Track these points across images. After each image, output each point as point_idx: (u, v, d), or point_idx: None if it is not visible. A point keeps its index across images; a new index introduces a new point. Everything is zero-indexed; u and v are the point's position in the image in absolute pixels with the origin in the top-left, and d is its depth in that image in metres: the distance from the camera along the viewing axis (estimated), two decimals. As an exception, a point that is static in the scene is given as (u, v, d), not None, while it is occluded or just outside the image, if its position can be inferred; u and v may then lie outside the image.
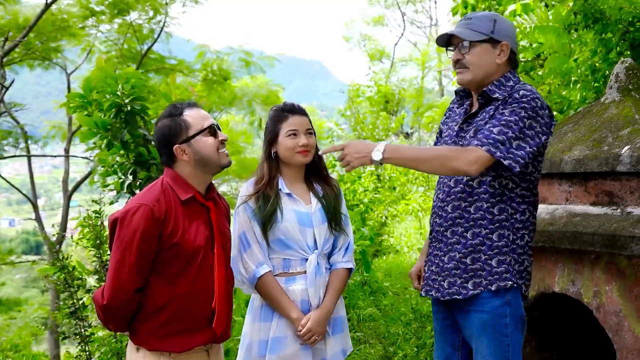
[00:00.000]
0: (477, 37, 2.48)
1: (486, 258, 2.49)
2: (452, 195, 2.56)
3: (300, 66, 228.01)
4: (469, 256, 2.51)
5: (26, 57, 14.59)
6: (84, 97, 4.08)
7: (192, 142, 2.39)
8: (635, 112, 3.20)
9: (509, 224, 2.50)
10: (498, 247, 2.49)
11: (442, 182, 2.64)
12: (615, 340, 2.88)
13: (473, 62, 2.51)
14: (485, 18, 2.52)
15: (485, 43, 2.50)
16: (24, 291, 25.60)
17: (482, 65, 2.52)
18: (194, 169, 2.43)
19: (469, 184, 2.51)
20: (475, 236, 2.50)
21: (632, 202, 2.95)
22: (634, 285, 2.81)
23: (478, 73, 2.53)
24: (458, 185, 2.54)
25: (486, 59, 2.52)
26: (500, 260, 2.48)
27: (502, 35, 2.52)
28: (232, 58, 16.52)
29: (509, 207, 2.50)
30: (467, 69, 2.52)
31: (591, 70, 5.08)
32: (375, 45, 27.71)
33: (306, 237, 2.77)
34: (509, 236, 2.50)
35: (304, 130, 2.79)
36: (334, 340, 2.83)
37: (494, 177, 2.47)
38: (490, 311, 2.47)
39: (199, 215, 2.44)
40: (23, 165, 28.90)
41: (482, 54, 2.51)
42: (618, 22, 4.68)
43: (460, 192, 2.53)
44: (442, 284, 2.58)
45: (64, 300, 4.84)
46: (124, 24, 14.90)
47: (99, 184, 4.37)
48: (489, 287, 2.47)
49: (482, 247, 2.50)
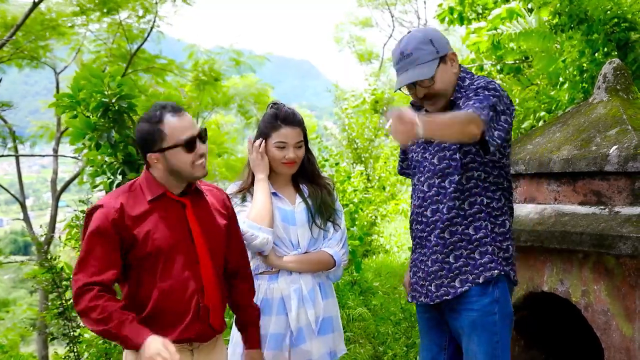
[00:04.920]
0: (432, 68, 2.49)
1: (468, 253, 2.52)
2: (427, 200, 2.59)
3: (289, 66, 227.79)
4: (451, 254, 2.54)
5: (14, 56, 14.47)
6: (72, 97, 4.06)
7: (166, 153, 2.34)
8: (623, 112, 3.22)
9: (484, 215, 2.53)
10: (477, 240, 2.52)
11: (417, 189, 2.68)
12: (603, 339, 2.90)
13: (441, 88, 2.53)
14: (422, 44, 2.50)
15: (439, 65, 2.51)
16: (12, 292, 25.44)
17: (447, 83, 2.54)
18: (167, 176, 2.40)
19: (441, 185, 2.55)
20: (453, 234, 2.53)
21: (620, 201, 2.96)
22: (622, 284, 2.82)
23: (447, 93, 2.55)
24: (432, 189, 2.58)
25: (447, 78, 2.54)
26: (482, 251, 2.51)
27: (443, 47, 2.53)
28: (223, 58, 16.49)
29: (483, 197, 2.53)
30: (438, 96, 2.54)
31: (579, 71, 5.12)
32: (364, 46, 27.76)
33: (289, 235, 2.78)
34: (487, 226, 2.53)
35: (294, 143, 2.77)
36: (321, 341, 2.82)
37: (461, 174, 2.51)
38: (480, 309, 2.48)
39: (173, 212, 2.41)
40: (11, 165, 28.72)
41: (442, 75, 2.52)
42: (603, 22, 4.72)
43: (435, 194, 2.57)
44: (430, 288, 2.59)
45: (52, 301, 4.81)
46: (113, 23, 14.81)
47: (88, 184, 4.34)
48: (477, 280, 2.49)
49: (462, 242, 2.53)
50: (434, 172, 2.57)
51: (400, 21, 28.46)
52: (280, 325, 2.75)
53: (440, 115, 2.38)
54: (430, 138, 2.40)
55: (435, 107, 2.55)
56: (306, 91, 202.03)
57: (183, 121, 2.35)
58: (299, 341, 2.75)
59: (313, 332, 2.78)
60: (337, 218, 2.89)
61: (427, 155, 2.62)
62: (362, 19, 28.55)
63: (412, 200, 2.72)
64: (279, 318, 2.75)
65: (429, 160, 2.60)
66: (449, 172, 2.53)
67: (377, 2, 27.56)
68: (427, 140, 2.57)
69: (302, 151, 2.81)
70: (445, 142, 2.54)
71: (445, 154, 2.55)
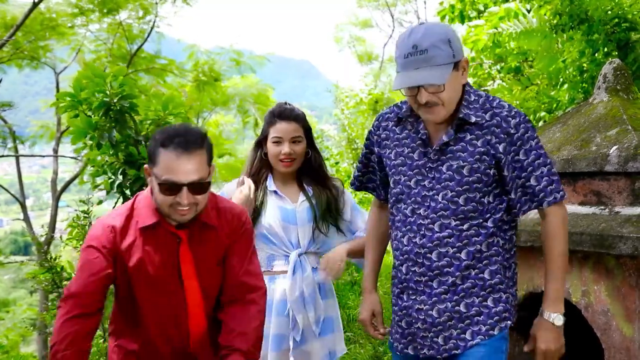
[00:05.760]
0: (446, 73, 2.12)
1: (481, 300, 2.24)
2: (436, 241, 2.23)
3: (289, 66, 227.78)
4: (462, 302, 2.24)
5: (14, 56, 14.47)
6: (73, 96, 4.06)
7: (152, 177, 2.14)
8: (623, 112, 3.22)
9: (500, 258, 2.26)
10: (491, 286, 2.25)
11: (416, 224, 2.27)
12: (603, 340, 2.90)
13: (447, 98, 2.16)
14: (441, 43, 2.12)
15: (452, 71, 2.15)
16: (12, 292, 25.44)
17: (454, 95, 2.20)
18: None
19: (459, 227, 2.22)
20: (465, 280, 2.23)
21: (620, 201, 2.97)
22: (622, 284, 2.83)
23: (452, 105, 2.20)
24: (444, 230, 2.22)
25: (456, 87, 2.20)
26: (496, 298, 2.26)
27: (459, 52, 2.18)
28: (223, 58, 16.49)
29: (499, 238, 2.27)
30: (441, 106, 2.17)
31: (579, 71, 5.12)
32: (364, 47, 27.75)
33: (289, 235, 2.78)
34: (501, 270, 2.26)
35: (289, 138, 2.76)
36: (322, 342, 2.82)
37: (486, 219, 2.23)
38: (489, 343, 2.26)
39: (164, 245, 2.20)
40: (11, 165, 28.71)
41: (452, 84, 2.16)
42: (603, 22, 4.72)
43: (448, 236, 2.22)
44: (436, 340, 2.28)
45: (52, 301, 4.82)
46: (113, 24, 14.82)
47: (88, 184, 4.35)
48: (491, 332, 2.24)
49: (475, 289, 2.24)
50: (454, 212, 2.21)
51: (400, 21, 28.47)
52: (282, 326, 2.75)
53: (552, 273, 2.23)
54: None
55: (435, 117, 2.20)
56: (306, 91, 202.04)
57: (180, 162, 2.07)
58: (301, 342, 2.76)
59: (314, 333, 2.78)
60: (357, 215, 2.93)
61: (437, 186, 2.24)
62: (362, 19, 28.55)
63: (406, 235, 2.30)
64: (280, 319, 2.75)
65: (441, 196, 2.23)
66: (473, 217, 2.22)
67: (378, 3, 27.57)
68: (428, 166, 2.26)
69: (300, 147, 2.79)
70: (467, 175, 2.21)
71: (476, 196, 2.21)
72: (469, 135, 2.22)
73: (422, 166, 2.27)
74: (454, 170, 2.21)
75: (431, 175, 2.24)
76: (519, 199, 2.24)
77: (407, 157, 2.31)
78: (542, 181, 2.21)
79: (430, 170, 2.25)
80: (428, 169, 2.25)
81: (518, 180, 2.22)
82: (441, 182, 2.22)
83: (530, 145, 2.22)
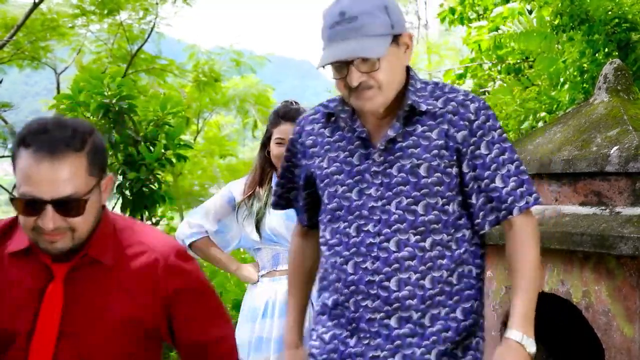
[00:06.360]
0: (383, 46, 1.68)
1: (452, 348, 1.80)
2: (395, 264, 1.74)
3: (289, 66, 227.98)
4: (433, 350, 1.77)
5: (15, 56, 14.49)
6: (72, 98, 4.07)
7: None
8: (623, 112, 3.22)
9: (474, 292, 1.84)
10: (466, 329, 1.82)
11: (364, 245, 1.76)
12: (604, 340, 2.89)
13: (385, 79, 1.71)
14: (375, 9, 1.69)
15: (390, 45, 1.71)
16: (13, 292, 25.41)
17: (394, 77, 1.75)
18: None
19: (420, 245, 1.74)
20: (434, 321, 1.76)
21: (621, 202, 2.96)
22: (623, 285, 2.82)
23: (391, 89, 1.75)
24: (403, 249, 1.74)
25: (396, 67, 1.75)
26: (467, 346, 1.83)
27: (400, 23, 1.74)
28: (223, 58, 16.49)
29: (472, 266, 1.83)
30: (377, 89, 1.71)
31: (580, 72, 5.12)
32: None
33: None
34: (477, 309, 1.84)
35: None
36: None
37: (451, 233, 1.78)
38: None
39: (33, 278, 1.57)
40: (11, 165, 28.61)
41: (391, 63, 1.72)
42: (604, 23, 4.72)
43: (409, 257, 1.74)
44: None
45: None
46: (114, 24, 14.82)
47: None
48: None
49: (447, 332, 1.79)
50: (412, 224, 1.74)
51: (401, 22, 28.48)
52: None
53: (524, 291, 1.75)
54: None
55: (371, 105, 1.73)
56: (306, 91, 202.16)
57: (41, 169, 1.46)
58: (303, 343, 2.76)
59: None
60: None
61: (387, 194, 1.76)
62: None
63: (347, 261, 1.78)
64: (282, 321, 2.74)
65: (394, 205, 1.75)
66: (436, 230, 1.75)
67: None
68: (385, 162, 1.78)
69: None
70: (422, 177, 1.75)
71: (437, 203, 1.75)
72: (421, 127, 1.77)
73: (365, 171, 1.79)
74: (408, 171, 1.75)
75: (378, 182, 1.77)
76: (481, 206, 1.79)
77: (344, 162, 1.82)
78: (509, 182, 1.77)
79: (376, 175, 1.78)
80: (373, 174, 1.78)
81: (480, 182, 1.77)
82: (392, 188, 1.75)
83: (493, 136, 1.78)
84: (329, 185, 1.84)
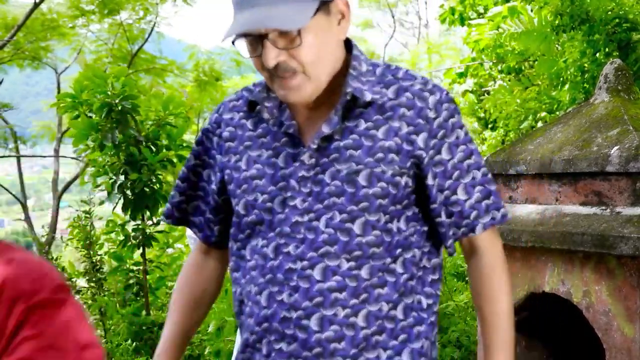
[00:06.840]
0: (305, 14, 1.26)
1: None
2: (318, 297, 1.33)
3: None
4: None
5: (15, 56, 14.51)
6: (74, 97, 4.07)
7: None
8: (624, 112, 3.22)
9: (424, 328, 1.44)
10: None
11: (282, 271, 1.35)
12: (604, 340, 2.90)
13: (311, 57, 1.30)
14: None
15: (317, 14, 1.28)
16: (13, 292, 25.43)
17: (324, 54, 1.33)
18: None
19: (354, 274, 1.34)
20: (417, 358, 1.40)
21: (621, 202, 2.97)
22: (623, 285, 2.83)
23: (321, 73, 1.34)
24: (330, 279, 1.34)
25: (326, 42, 1.33)
26: None
27: None
28: (223, 58, 16.52)
29: (421, 295, 1.44)
30: (302, 74, 1.31)
31: (580, 72, 5.13)
32: (365, 47, 27.80)
33: None
34: (427, 350, 1.44)
35: None
36: None
37: (394, 257, 1.39)
38: None
39: None
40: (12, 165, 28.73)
41: (319, 36, 1.30)
42: (604, 23, 4.73)
43: (337, 289, 1.34)
44: None
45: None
46: (114, 24, 14.84)
47: (90, 185, 4.35)
48: None
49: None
50: (345, 247, 1.34)
51: (402, 22, 28.49)
52: None
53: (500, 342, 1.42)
54: None
55: (294, 94, 1.33)
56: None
57: None
58: None
59: None
60: None
61: (317, 206, 1.36)
62: (363, 19, 28.58)
63: (262, 291, 1.38)
64: None
65: (324, 222, 1.35)
66: (376, 254, 1.36)
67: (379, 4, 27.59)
68: (317, 166, 1.37)
69: None
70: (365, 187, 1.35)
71: (379, 220, 1.36)
72: (364, 123, 1.38)
73: (291, 176, 1.38)
74: (344, 178, 1.36)
75: (306, 190, 1.37)
76: (442, 222, 1.43)
77: (267, 164, 1.41)
78: (473, 192, 1.42)
79: (304, 182, 1.37)
80: (301, 181, 1.38)
81: (440, 194, 1.41)
82: (323, 200, 1.36)
83: (457, 137, 1.42)
84: (247, 193, 1.42)
